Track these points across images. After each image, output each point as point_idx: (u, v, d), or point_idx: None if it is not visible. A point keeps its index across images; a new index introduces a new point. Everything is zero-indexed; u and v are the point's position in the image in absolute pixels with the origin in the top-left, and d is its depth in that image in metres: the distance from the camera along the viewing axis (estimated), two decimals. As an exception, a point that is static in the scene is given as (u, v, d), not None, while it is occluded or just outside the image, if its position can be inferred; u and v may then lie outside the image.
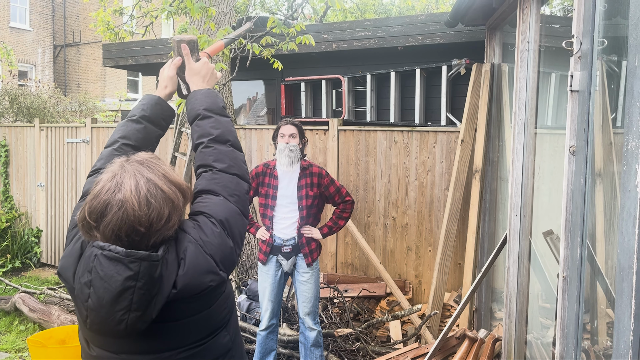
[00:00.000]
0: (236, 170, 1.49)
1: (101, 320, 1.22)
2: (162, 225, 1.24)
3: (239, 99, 7.27)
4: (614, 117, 3.73)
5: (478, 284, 3.68)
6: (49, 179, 7.17)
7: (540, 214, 3.51)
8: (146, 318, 1.23)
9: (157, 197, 1.24)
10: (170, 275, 1.26)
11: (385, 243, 5.08)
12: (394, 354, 3.98)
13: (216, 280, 1.32)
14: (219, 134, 1.53)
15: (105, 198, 1.22)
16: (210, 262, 1.31)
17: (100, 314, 1.21)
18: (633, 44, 1.38)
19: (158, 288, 1.23)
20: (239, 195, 1.46)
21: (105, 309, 1.20)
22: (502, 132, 4.25)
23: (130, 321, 1.21)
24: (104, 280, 1.20)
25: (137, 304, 1.20)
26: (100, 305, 1.21)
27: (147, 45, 6.84)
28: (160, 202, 1.24)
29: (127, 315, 1.20)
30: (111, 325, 1.21)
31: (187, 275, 1.27)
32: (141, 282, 1.19)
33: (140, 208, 1.21)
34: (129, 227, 1.21)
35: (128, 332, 1.22)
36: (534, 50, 3.02)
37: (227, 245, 1.36)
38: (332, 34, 5.61)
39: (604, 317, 3.34)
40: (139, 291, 1.20)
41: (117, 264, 1.19)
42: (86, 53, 22.12)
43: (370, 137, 5.07)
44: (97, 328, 1.25)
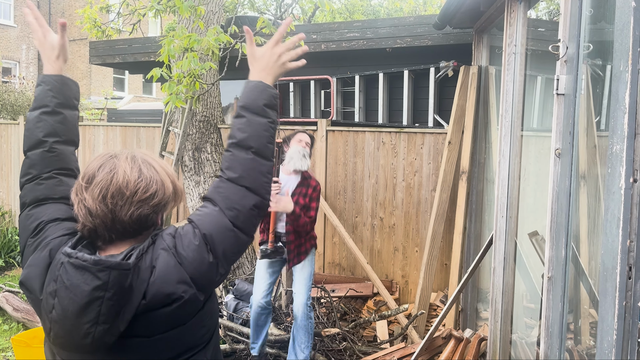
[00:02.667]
0: (248, 182, 1.34)
1: (66, 333, 1.14)
2: (145, 198, 1.22)
3: (227, 99, 7.25)
4: (597, 120, 3.80)
5: (464, 284, 3.71)
6: (34, 177, 7.08)
7: (526, 215, 3.55)
8: (114, 331, 1.15)
9: (148, 172, 1.25)
10: (142, 284, 1.18)
11: (373, 243, 5.11)
12: (380, 354, 4.00)
13: (188, 293, 1.22)
14: (242, 138, 1.38)
15: (101, 162, 1.24)
16: (183, 272, 1.22)
17: (65, 327, 1.13)
18: (618, 48, 1.41)
19: (128, 298, 1.16)
20: (240, 210, 1.32)
21: (71, 321, 1.12)
22: (488, 134, 4.30)
23: (98, 335, 1.13)
24: (69, 290, 1.13)
25: (105, 316, 1.13)
26: (65, 317, 1.13)
27: (134, 43, 6.80)
28: (151, 177, 1.25)
29: (94, 328, 1.12)
30: (76, 339, 1.13)
31: (155, 284, 1.19)
32: (110, 292, 1.12)
33: (132, 174, 1.22)
34: (116, 189, 1.20)
35: (95, 346, 1.14)
36: (521, 53, 3.06)
37: (204, 260, 1.25)
38: (321, 34, 5.62)
39: (587, 317, 3.39)
40: (108, 302, 1.12)
41: (84, 272, 1.13)
42: (71, 50, 21.88)
43: (359, 138, 5.10)
44: (61, 342, 1.16)
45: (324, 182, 5.23)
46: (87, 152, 6.63)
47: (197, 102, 4.63)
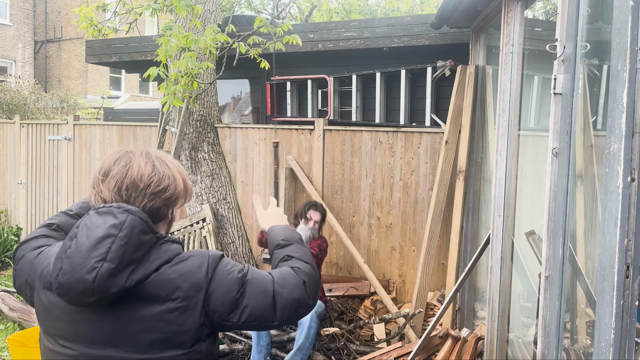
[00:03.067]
0: (294, 294, 1.34)
1: (73, 268, 1.18)
2: (158, 191, 1.32)
3: (224, 98, 7.24)
4: (594, 120, 3.80)
5: (461, 283, 3.72)
6: (30, 177, 7.07)
7: (523, 214, 3.56)
8: (117, 278, 1.18)
9: (161, 167, 1.34)
10: (155, 261, 1.25)
11: (370, 243, 5.11)
12: (377, 353, 4.00)
13: (183, 301, 1.24)
14: (300, 255, 1.47)
15: (117, 156, 1.34)
16: (204, 284, 1.27)
17: (74, 262, 1.18)
18: (616, 48, 1.41)
19: (138, 252, 1.22)
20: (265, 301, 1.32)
21: (81, 255, 1.18)
22: (485, 134, 4.30)
23: (102, 271, 1.17)
24: (89, 229, 1.21)
25: (113, 254, 1.18)
26: (77, 251, 1.19)
27: (131, 42, 6.78)
28: (164, 172, 1.34)
29: (100, 264, 1.17)
30: (82, 273, 1.17)
31: (171, 270, 1.25)
32: (123, 232, 1.20)
33: (145, 168, 1.32)
34: (130, 181, 1.29)
35: (95, 287, 1.17)
36: (518, 53, 3.06)
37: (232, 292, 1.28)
38: (319, 33, 5.62)
39: (583, 316, 3.40)
40: (119, 241, 1.19)
41: (106, 215, 1.23)
42: (67, 49, 21.81)
43: (356, 137, 5.10)
44: (65, 280, 1.18)
45: (321, 182, 5.23)
46: (84, 151, 6.61)
47: (195, 101, 4.62)
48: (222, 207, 5.55)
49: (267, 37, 4.90)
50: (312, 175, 5.27)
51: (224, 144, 5.73)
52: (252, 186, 5.63)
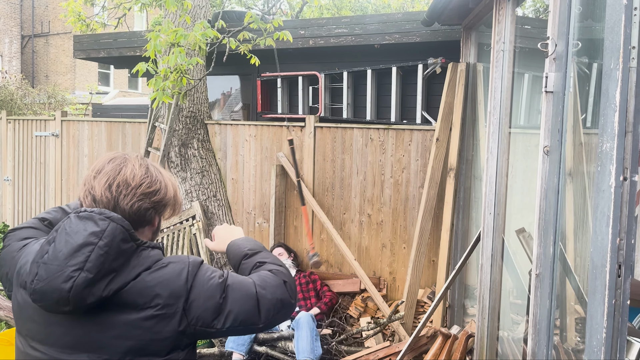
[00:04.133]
0: (277, 295, 1.34)
1: (48, 276, 1.14)
2: (148, 192, 1.31)
3: (213, 94, 7.20)
4: (583, 118, 3.82)
5: (452, 281, 3.72)
6: (17, 173, 6.98)
7: (513, 212, 3.57)
8: (94, 288, 1.15)
9: (155, 172, 1.36)
10: (134, 269, 1.22)
11: (361, 240, 5.10)
12: (364, 352, 3.99)
13: (162, 309, 1.22)
14: (272, 260, 1.47)
15: (112, 156, 1.34)
16: (184, 292, 1.25)
17: (50, 270, 1.15)
18: (609, 46, 1.41)
19: (117, 262, 1.19)
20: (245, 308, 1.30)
21: (58, 262, 1.15)
22: (476, 131, 4.31)
23: (79, 281, 1.13)
24: (68, 235, 1.18)
25: (91, 264, 1.15)
26: (55, 257, 1.16)
27: (119, 37, 6.70)
28: (156, 176, 1.35)
29: (77, 273, 1.14)
30: (57, 282, 1.13)
31: (150, 278, 1.23)
32: (103, 241, 1.17)
33: (139, 169, 1.32)
34: (122, 179, 1.29)
35: (71, 297, 1.14)
36: (509, 50, 3.06)
37: (215, 298, 1.27)
38: (309, 30, 5.59)
39: (572, 313, 3.42)
40: (98, 250, 1.16)
41: (87, 221, 1.20)
42: (55, 44, 21.56)
43: (347, 135, 5.08)
44: (40, 287, 1.15)
45: (311, 179, 5.21)
46: (72, 147, 6.54)
47: (184, 97, 4.58)
48: (212, 204, 5.51)
49: (257, 33, 4.86)
50: (303, 173, 5.25)
51: (214, 141, 5.69)
52: (242, 183, 5.60)
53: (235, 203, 5.64)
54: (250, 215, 5.57)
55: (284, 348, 4.10)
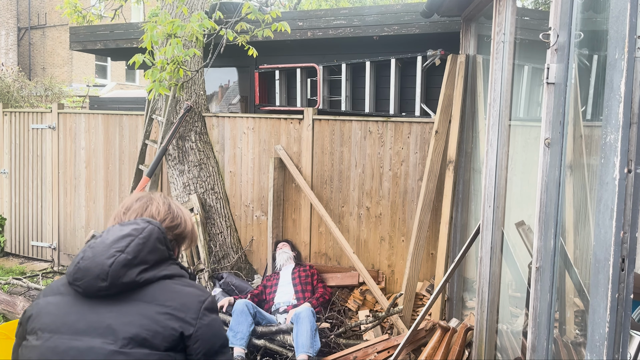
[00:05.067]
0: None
1: (94, 255, 1.37)
2: (171, 226, 1.57)
3: (211, 87, 7.15)
4: (584, 110, 3.79)
5: (451, 274, 3.71)
6: (13, 166, 6.94)
7: (513, 204, 3.55)
8: (129, 270, 1.36)
9: (176, 210, 1.61)
10: (163, 271, 1.44)
11: (359, 233, 5.08)
12: (363, 345, 3.99)
13: (173, 310, 1.39)
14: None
15: (139, 196, 1.60)
16: (191, 318, 1.41)
17: (97, 250, 1.38)
18: (614, 36, 1.38)
19: (152, 258, 1.42)
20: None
21: (104, 245, 1.39)
22: (476, 124, 4.28)
23: (119, 259, 1.36)
24: (114, 231, 1.43)
25: (130, 249, 1.38)
26: (101, 243, 1.40)
27: (116, 29, 6.64)
28: (178, 213, 1.61)
29: (118, 254, 1.37)
30: (102, 258, 1.35)
31: (170, 290, 1.42)
32: (142, 235, 1.42)
33: (163, 206, 1.59)
34: (149, 214, 1.55)
35: (110, 272, 1.34)
36: (510, 42, 3.02)
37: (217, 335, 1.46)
38: (308, 21, 5.54)
39: (572, 306, 3.41)
40: (137, 240, 1.41)
41: (131, 224, 1.46)
42: (52, 36, 21.42)
43: (345, 127, 5.05)
44: (85, 265, 1.36)
45: (310, 172, 5.18)
46: (69, 140, 6.49)
47: (181, 89, 4.54)
48: (210, 197, 5.49)
49: (255, 24, 4.82)
50: (301, 165, 5.22)
51: (211, 134, 5.65)
52: (240, 176, 5.57)
53: (233, 196, 5.62)
54: (249, 208, 5.54)
55: (282, 341, 4.09)
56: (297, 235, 5.34)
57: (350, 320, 4.68)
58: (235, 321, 4.01)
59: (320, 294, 4.61)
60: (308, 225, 5.26)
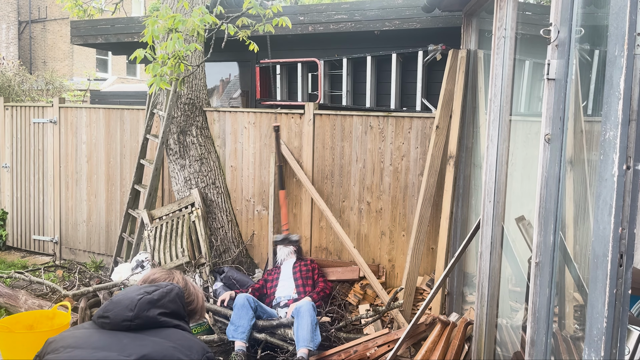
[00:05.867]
0: None
1: (125, 294, 1.66)
2: (187, 303, 1.84)
3: (212, 81, 7.15)
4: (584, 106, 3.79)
5: (451, 268, 3.72)
6: (15, 160, 6.95)
7: (513, 200, 3.56)
8: (153, 307, 1.65)
9: (192, 288, 1.92)
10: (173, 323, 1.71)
11: (360, 228, 5.10)
12: (363, 339, 4.01)
13: (180, 346, 1.64)
14: None
15: (161, 272, 1.93)
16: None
17: (128, 291, 1.68)
18: (614, 32, 1.38)
19: (171, 308, 1.70)
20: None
21: (134, 288, 1.71)
22: (476, 119, 4.28)
23: (146, 297, 1.65)
24: (139, 287, 1.74)
25: (156, 294, 1.69)
26: (132, 287, 1.73)
27: (117, 23, 6.64)
28: (192, 291, 1.91)
29: (146, 294, 1.67)
30: (132, 295, 1.65)
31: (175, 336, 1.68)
32: (166, 289, 1.74)
33: (182, 281, 1.89)
34: (172, 297, 1.75)
35: (138, 304, 1.62)
36: (511, 37, 3.02)
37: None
38: (309, 16, 5.53)
39: (571, 300, 3.42)
40: (162, 290, 1.72)
41: (157, 284, 1.78)
42: (53, 30, 21.39)
43: (346, 122, 5.05)
44: (117, 299, 1.65)
45: (311, 166, 5.19)
46: (70, 134, 6.51)
47: (182, 84, 4.55)
48: (211, 191, 5.50)
49: (256, 19, 4.81)
50: (302, 160, 5.23)
51: (212, 128, 5.66)
52: (241, 171, 5.58)
53: (234, 190, 5.63)
54: (250, 202, 5.56)
55: (283, 335, 4.11)
56: (298, 229, 5.35)
57: (350, 314, 4.70)
58: (236, 315, 4.03)
59: (321, 288, 4.62)
60: (309, 219, 5.27)
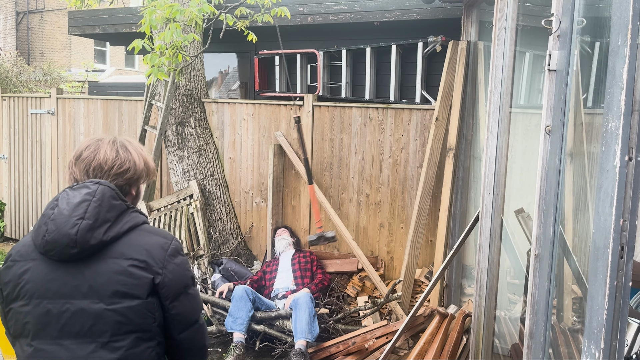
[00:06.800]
0: (202, 342, 1.68)
1: (57, 227, 1.43)
2: (120, 172, 1.59)
3: (211, 72, 7.11)
4: (584, 98, 3.77)
5: (449, 261, 3.72)
6: (12, 151, 6.92)
7: (512, 192, 3.55)
8: (95, 232, 1.45)
9: (124, 154, 1.62)
10: (126, 224, 1.52)
11: (359, 220, 5.09)
12: (361, 331, 4.01)
13: (143, 262, 1.49)
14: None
15: (88, 143, 1.62)
16: (152, 259, 1.51)
17: (58, 222, 1.44)
18: (617, 22, 1.36)
19: (112, 215, 1.49)
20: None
21: (64, 216, 1.44)
22: (476, 111, 4.27)
23: (82, 226, 1.43)
24: (68, 198, 1.48)
25: (89, 214, 1.45)
26: (60, 214, 1.45)
27: (115, 13, 6.59)
28: (125, 157, 1.62)
29: (80, 221, 1.43)
30: (66, 229, 1.43)
31: (127, 240, 1.51)
32: (96, 197, 1.48)
33: (110, 153, 1.60)
34: (97, 164, 1.57)
35: (77, 239, 1.42)
36: (512, 28, 3.00)
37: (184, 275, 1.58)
38: (308, 6, 5.49)
39: (569, 293, 3.42)
40: (93, 204, 1.47)
41: (81, 189, 1.50)
42: (50, 20, 21.25)
43: (345, 114, 5.03)
44: (52, 237, 1.44)
45: (310, 158, 5.17)
46: (68, 125, 6.48)
47: (180, 75, 4.52)
48: (209, 183, 5.48)
49: (255, 9, 4.77)
50: (301, 152, 5.21)
51: (211, 120, 5.64)
52: (239, 162, 5.56)
53: (232, 182, 5.62)
54: (248, 194, 5.55)
55: (281, 327, 4.12)
56: (297, 221, 5.34)
57: (349, 306, 4.70)
58: (234, 307, 4.03)
59: (320, 279, 4.62)
60: (308, 212, 5.26)
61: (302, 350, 3.73)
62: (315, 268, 4.79)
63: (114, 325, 1.44)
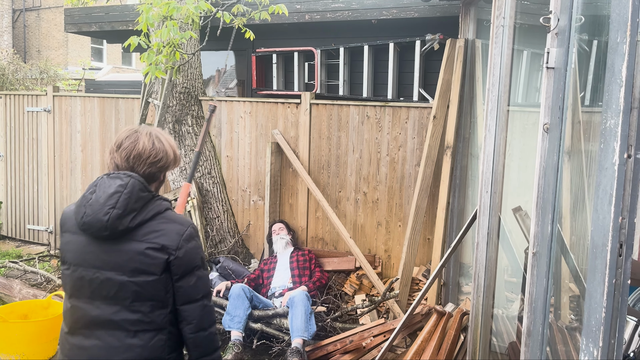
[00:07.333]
0: (207, 324, 1.90)
1: (93, 212, 1.75)
2: (155, 161, 1.88)
3: (208, 70, 7.09)
4: (582, 96, 3.77)
5: (447, 259, 3.72)
6: (9, 149, 6.89)
7: (510, 190, 3.54)
8: (123, 220, 1.75)
9: (158, 145, 1.90)
10: (150, 211, 1.81)
11: (356, 218, 5.09)
12: (359, 329, 4.01)
13: (159, 244, 1.79)
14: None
15: (128, 134, 1.90)
16: (174, 246, 1.81)
17: (94, 208, 1.76)
18: (616, 19, 1.36)
19: (139, 206, 1.78)
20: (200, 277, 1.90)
21: (99, 204, 1.76)
22: (474, 109, 4.26)
23: (113, 215, 1.73)
24: (104, 187, 1.79)
25: (120, 204, 1.75)
26: (96, 202, 1.77)
27: (112, 11, 6.56)
28: (160, 147, 1.90)
29: (111, 210, 1.74)
30: (99, 215, 1.74)
31: (150, 226, 1.81)
32: (127, 190, 1.77)
33: (147, 144, 1.88)
34: (136, 153, 1.86)
35: (108, 225, 1.73)
36: (509, 26, 2.99)
37: (196, 257, 1.86)
38: (305, 4, 5.48)
39: (567, 291, 3.43)
40: (124, 196, 1.76)
41: (115, 179, 1.80)
42: (47, 18, 21.17)
43: (343, 112, 5.02)
44: (88, 220, 1.76)
45: (307, 156, 5.17)
46: (64, 123, 6.45)
47: (177, 72, 4.50)
48: (206, 181, 5.47)
49: (252, 7, 4.76)
50: (299, 150, 5.21)
51: (208, 117, 5.61)
52: (237, 160, 5.55)
53: (230, 180, 5.60)
54: (246, 192, 5.53)
55: (279, 325, 4.11)
56: (294, 219, 5.34)
57: (346, 304, 4.70)
58: (232, 305, 4.02)
59: (317, 278, 4.61)
60: (305, 210, 5.26)
61: (298, 348, 3.73)
62: (313, 266, 4.78)
63: (133, 293, 1.76)
